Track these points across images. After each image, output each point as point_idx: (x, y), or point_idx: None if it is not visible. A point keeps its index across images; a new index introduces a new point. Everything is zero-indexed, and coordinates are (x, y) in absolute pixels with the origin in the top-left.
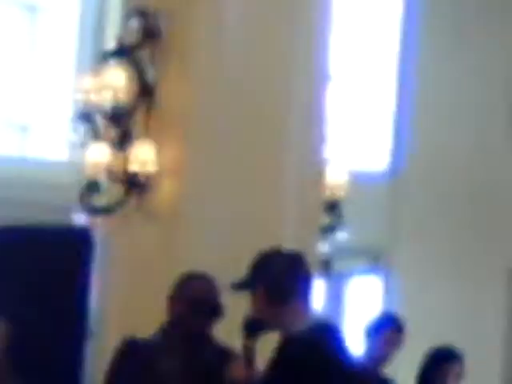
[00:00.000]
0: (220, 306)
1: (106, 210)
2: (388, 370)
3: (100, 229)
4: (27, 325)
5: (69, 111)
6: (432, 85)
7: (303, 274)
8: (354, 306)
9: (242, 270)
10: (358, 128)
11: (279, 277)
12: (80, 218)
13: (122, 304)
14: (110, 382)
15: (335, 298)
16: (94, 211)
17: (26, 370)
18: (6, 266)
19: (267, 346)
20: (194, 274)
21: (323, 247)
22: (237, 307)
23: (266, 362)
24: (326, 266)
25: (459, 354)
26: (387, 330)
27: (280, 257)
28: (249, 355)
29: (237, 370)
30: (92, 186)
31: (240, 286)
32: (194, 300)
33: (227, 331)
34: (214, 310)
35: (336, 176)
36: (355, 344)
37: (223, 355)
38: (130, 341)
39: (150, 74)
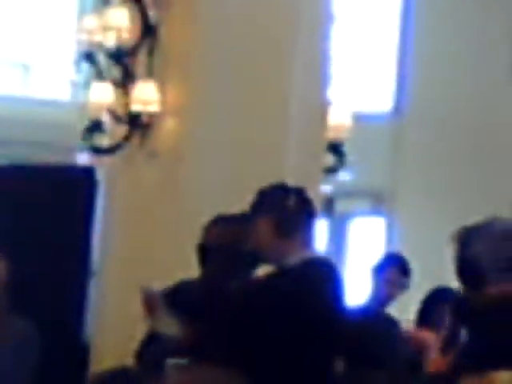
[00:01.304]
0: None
1: (108, 150)
2: (393, 312)
3: (103, 168)
4: (30, 263)
5: (72, 51)
6: (435, 26)
7: (309, 209)
8: (356, 247)
9: (243, 207)
10: (362, 69)
11: (289, 209)
12: (83, 158)
13: (125, 242)
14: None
15: (337, 238)
16: (96, 151)
17: (28, 309)
18: (9, 205)
19: None
20: (215, 219)
21: (326, 188)
22: None
23: None
24: (329, 207)
25: (457, 294)
26: (390, 269)
27: (288, 190)
28: None
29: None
30: (95, 126)
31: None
32: (208, 246)
33: None
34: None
35: (339, 117)
36: (356, 284)
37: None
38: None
39: (153, 14)
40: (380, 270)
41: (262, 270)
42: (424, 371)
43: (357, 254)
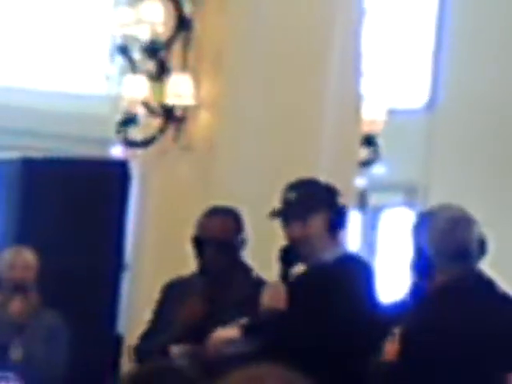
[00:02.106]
0: (228, 242)
1: (142, 143)
2: None
3: (137, 161)
4: (64, 256)
5: (107, 45)
6: (471, 21)
7: (344, 207)
8: (389, 240)
9: (276, 202)
10: (397, 64)
11: (340, 206)
12: (117, 151)
13: (158, 235)
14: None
15: (370, 231)
16: (131, 144)
17: (62, 301)
18: (44, 198)
19: None
20: (208, 211)
21: (360, 181)
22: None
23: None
24: (362, 200)
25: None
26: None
27: (334, 188)
28: (285, 281)
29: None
30: (129, 119)
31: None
32: (202, 239)
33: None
34: (224, 247)
35: (373, 111)
36: (390, 277)
37: (258, 286)
38: (168, 282)
39: (188, 8)
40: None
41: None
42: None
43: (390, 246)
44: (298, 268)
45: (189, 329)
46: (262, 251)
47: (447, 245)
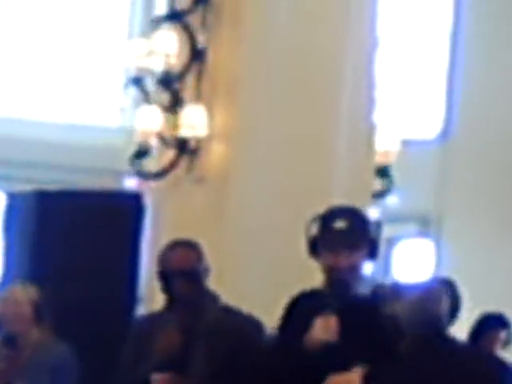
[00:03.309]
0: (196, 271)
1: (156, 175)
2: None
3: (151, 193)
4: (78, 289)
5: (120, 76)
6: (485, 50)
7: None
8: (403, 271)
9: (290, 234)
10: (410, 94)
11: (377, 237)
12: (131, 183)
13: None
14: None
15: (384, 262)
16: (144, 175)
17: (75, 335)
18: (58, 231)
19: None
20: (168, 245)
21: (373, 212)
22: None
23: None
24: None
25: (508, 321)
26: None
27: (369, 216)
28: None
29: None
30: (143, 151)
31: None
32: (168, 271)
33: None
34: (191, 276)
35: (387, 142)
36: None
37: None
38: (139, 320)
39: (201, 39)
40: None
41: None
42: None
43: (404, 277)
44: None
45: (167, 360)
46: (274, 281)
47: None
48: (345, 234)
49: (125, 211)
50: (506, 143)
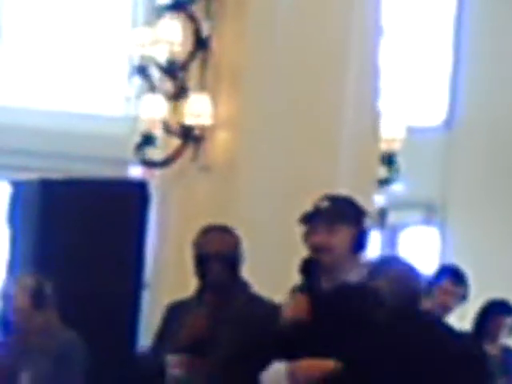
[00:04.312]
0: (233, 256)
1: (161, 163)
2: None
3: (156, 182)
4: (83, 277)
5: (125, 65)
6: (489, 39)
7: (369, 229)
8: (408, 257)
9: (295, 222)
10: (415, 82)
11: (367, 225)
12: (136, 171)
13: (178, 256)
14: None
15: (390, 249)
16: (149, 164)
17: (81, 323)
18: (63, 219)
19: None
20: (205, 228)
21: (379, 199)
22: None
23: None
24: (382, 218)
25: (510, 307)
26: (445, 280)
27: (358, 206)
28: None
29: (297, 307)
30: (148, 139)
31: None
32: (206, 255)
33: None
34: (228, 261)
35: (392, 129)
36: None
37: (256, 302)
38: (169, 305)
39: (205, 27)
40: (435, 280)
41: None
42: None
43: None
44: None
45: (191, 343)
46: (280, 270)
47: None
48: (323, 213)
49: (130, 200)
50: (510, 129)
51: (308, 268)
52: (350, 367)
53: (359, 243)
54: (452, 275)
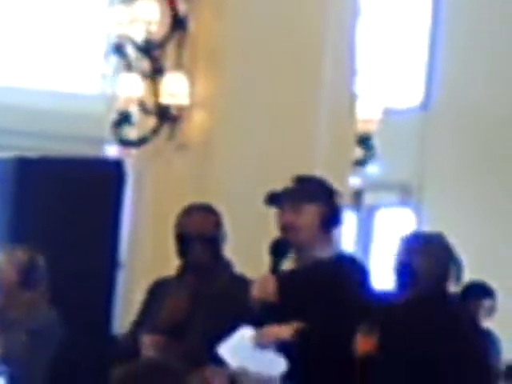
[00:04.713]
0: (215, 236)
1: (137, 142)
2: None
3: (132, 160)
4: (58, 256)
5: (101, 44)
6: (466, 21)
7: (340, 206)
8: (384, 239)
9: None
10: (392, 63)
11: (337, 203)
12: (112, 150)
13: (154, 235)
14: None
15: (365, 230)
16: (125, 143)
17: (56, 301)
18: (39, 198)
19: None
20: (186, 208)
21: (354, 180)
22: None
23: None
24: (357, 199)
25: (490, 289)
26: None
27: (326, 184)
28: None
29: (265, 288)
30: (124, 118)
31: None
32: (187, 235)
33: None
34: (210, 241)
35: (368, 110)
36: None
37: (237, 282)
38: (153, 282)
39: (183, 7)
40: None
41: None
42: None
43: (385, 245)
44: (290, 263)
45: (169, 326)
46: (256, 248)
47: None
48: (289, 194)
49: (106, 178)
50: (486, 111)
51: (276, 248)
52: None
53: (329, 221)
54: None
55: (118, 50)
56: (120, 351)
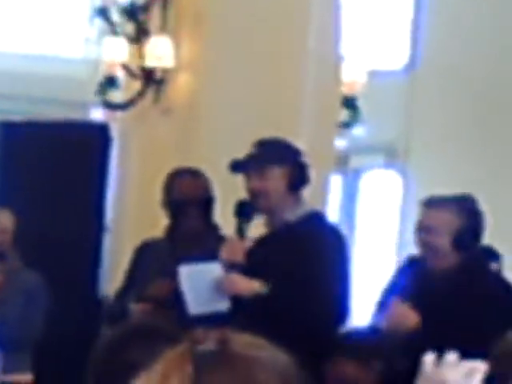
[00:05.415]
0: (207, 200)
1: (123, 105)
2: None
3: (117, 124)
4: (44, 220)
5: (86, 7)
6: None
7: (306, 164)
8: (370, 201)
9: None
10: (377, 25)
11: (303, 164)
12: (97, 114)
13: (139, 198)
14: (125, 280)
15: (351, 193)
16: (111, 106)
17: (43, 266)
18: (24, 161)
19: None
20: (176, 172)
21: (340, 143)
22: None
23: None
24: (343, 162)
25: (497, 253)
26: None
27: (289, 145)
28: (242, 237)
29: (232, 250)
30: (109, 82)
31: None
32: (179, 200)
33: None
34: (202, 205)
35: (353, 72)
36: (369, 238)
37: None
38: (140, 243)
39: None
40: None
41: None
42: None
43: (370, 208)
44: (256, 224)
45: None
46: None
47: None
48: (252, 159)
49: (91, 142)
50: (471, 73)
51: (241, 210)
52: None
53: (296, 182)
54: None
55: (103, 13)
56: (107, 313)
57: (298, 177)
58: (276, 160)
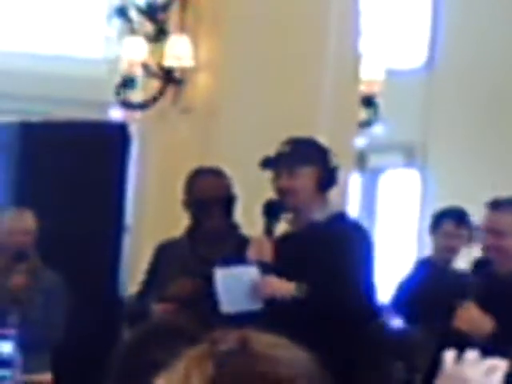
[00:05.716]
0: (229, 200)
1: (142, 105)
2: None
3: (136, 124)
4: (64, 220)
5: (104, 6)
6: None
7: (336, 166)
8: (388, 201)
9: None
10: (396, 23)
11: (332, 164)
12: (116, 113)
13: (159, 198)
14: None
15: (370, 192)
16: (130, 106)
17: (63, 266)
18: (44, 162)
19: None
20: (198, 171)
21: (359, 142)
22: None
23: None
24: (362, 161)
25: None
26: (446, 223)
27: (320, 145)
28: (270, 236)
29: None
30: (128, 82)
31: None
32: (201, 199)
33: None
34: (224, 205)
35: (373, 71)
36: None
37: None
38: (160, 243)
39: None
40: (435, 225)
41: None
42: None
43: (390, 207)
44: (285, 224)
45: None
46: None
47: None
48: (284, 157)
49: (111, 142)
50: (491, 71)
51: (269, 209)
52: None
53: (325, 183)
54: (454, 217)
55: (122, 12)
56: (128, 313)
57: (327, 178)
58: (307, 160)
